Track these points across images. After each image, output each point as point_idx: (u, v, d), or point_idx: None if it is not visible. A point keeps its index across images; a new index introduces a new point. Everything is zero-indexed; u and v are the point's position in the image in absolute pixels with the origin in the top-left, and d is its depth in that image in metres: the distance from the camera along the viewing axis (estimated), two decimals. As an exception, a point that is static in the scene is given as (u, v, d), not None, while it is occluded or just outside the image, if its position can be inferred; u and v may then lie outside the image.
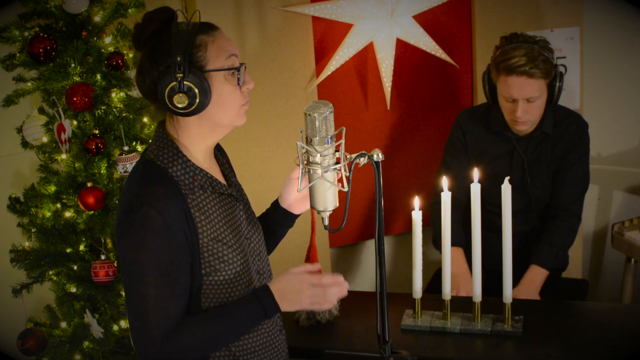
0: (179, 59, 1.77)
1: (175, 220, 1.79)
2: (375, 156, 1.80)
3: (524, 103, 2.80)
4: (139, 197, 1.79)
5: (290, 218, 2.13)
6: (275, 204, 2.13)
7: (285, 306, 1.85)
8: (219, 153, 2.07)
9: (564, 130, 2.94)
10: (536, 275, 2.89)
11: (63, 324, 2.83)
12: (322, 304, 1.86)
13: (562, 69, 2.86)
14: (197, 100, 1.79)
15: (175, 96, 1.78)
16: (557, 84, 2.82)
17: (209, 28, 1.85)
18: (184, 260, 1.82)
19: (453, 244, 2.93)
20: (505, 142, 2.97)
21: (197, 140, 1.89)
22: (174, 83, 1.78)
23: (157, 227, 1.77)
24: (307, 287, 1.84)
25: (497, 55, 2.84)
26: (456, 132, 3.06)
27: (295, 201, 2.10)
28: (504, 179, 2.35)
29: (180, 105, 1.79)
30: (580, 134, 2.96)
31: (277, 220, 2.12)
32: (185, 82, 1.77)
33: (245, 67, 1.88)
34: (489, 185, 2.76)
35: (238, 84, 1.85)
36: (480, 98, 3.46)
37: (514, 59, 2.76)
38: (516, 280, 2.59)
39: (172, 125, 1.90)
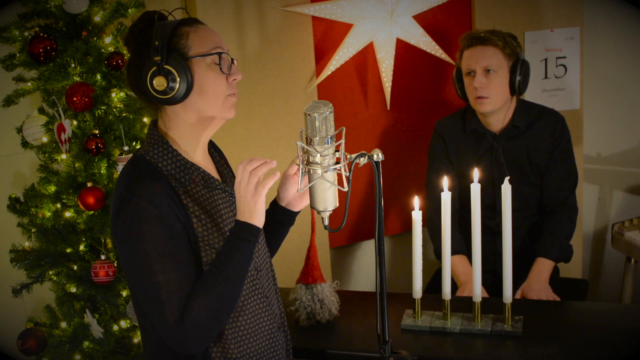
0: (157, 43, 1.80)
1: (167, 209, 1.80)
2: (375, 156, 1.80)
3: (481, 74, 2.85)
4: (127, 191, 1.80)
5: (290, 216, 2.12)
6: (274, 204, 2.13)
7: (255, 219, 1.81)
8: (214, 151, 2.08)
9: (542, 127, 2.96)
10: (543, 266, 2.92)
11: (63, 324, 2.83)
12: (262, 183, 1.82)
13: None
14: (177, 86, 1.81)
15: (155, 79, 1.81)
16: (518, 78, 2.86)
17: (192, 21, 1.88)
18: (184, 243, 1.83)
19: (455, 252, 2.94)
20: (483, 141, 2.98)
21: (186, 135, 1.91)
22: (155, 68, 1.81)
23: (151, 216, 1.78)
24: (246, 191, 1.80)
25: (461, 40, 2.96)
26: (436, 140, 3.08)
27: (293, 198, 2.09)
28: (487, 180, 2.35)
29: (159, 89, 1.81)
30: (560, 129, 2.97)
31: (278, 219, 2.12)
32: (165, 67, 1.80)
33: (234, 60, 1.90)
34: None
35: (221, 71, 1.86)
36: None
37: (474, 33, 2.90)
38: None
39: (162, 121, 1.92)
